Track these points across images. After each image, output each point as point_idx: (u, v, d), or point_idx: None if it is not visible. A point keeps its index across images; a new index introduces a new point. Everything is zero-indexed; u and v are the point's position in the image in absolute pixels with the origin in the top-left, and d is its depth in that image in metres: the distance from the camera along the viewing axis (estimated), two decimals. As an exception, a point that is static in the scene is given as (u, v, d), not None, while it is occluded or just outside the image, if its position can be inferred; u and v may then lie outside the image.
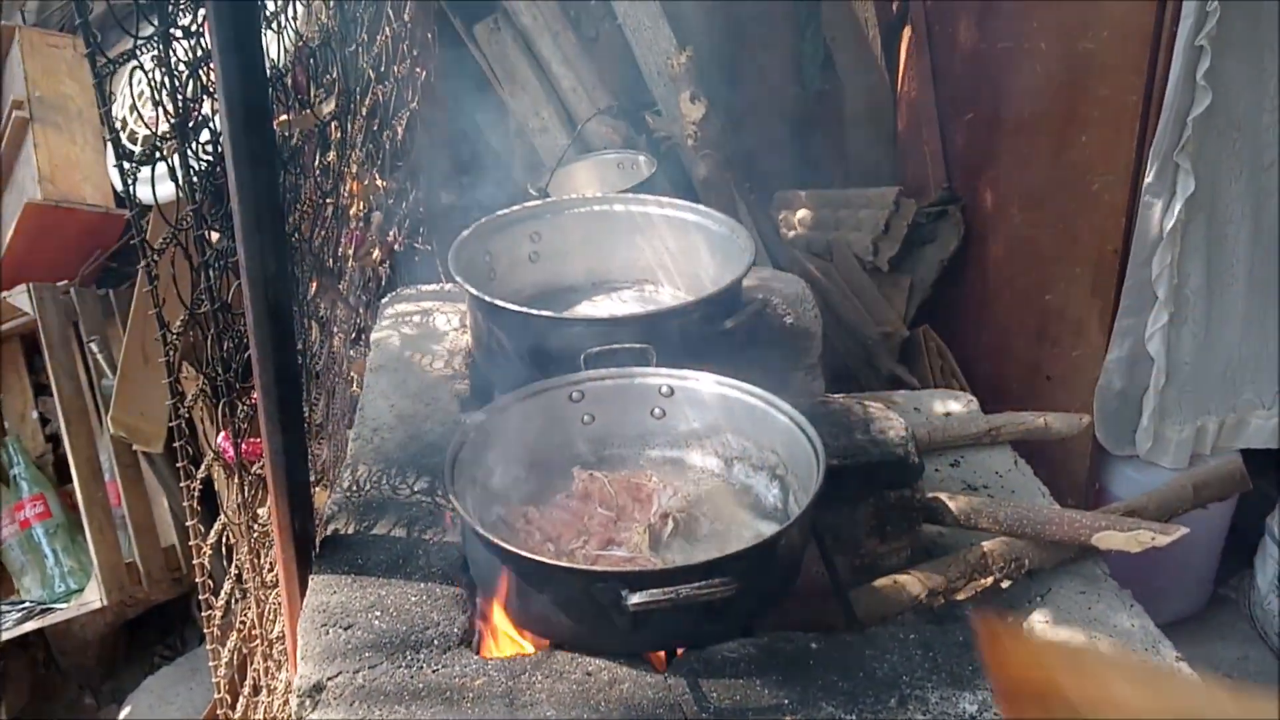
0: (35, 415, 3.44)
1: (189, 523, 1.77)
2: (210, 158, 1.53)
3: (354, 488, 1.78)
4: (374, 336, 2.29)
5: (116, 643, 3.46)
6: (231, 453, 1.72)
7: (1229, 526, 3.23)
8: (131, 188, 1.46)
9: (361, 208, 2.55)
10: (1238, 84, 2.67)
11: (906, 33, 3.64)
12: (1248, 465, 2.15)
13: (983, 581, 1.79)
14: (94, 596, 3.07)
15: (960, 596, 1.77)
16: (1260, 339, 2.97)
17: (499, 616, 1.52)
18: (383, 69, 2.69)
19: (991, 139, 3.31)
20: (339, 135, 2.29)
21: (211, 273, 1.55)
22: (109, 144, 1.40)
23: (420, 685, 1.39)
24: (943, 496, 1.92)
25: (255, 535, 1.85)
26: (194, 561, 1.81)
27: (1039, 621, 1.78)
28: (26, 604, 3.15)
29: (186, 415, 1.65)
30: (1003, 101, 3.24)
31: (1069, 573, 1.88)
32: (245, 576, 1.92)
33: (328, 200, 2.27)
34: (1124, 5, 2.72)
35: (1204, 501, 2.06)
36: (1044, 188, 3.09)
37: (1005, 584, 1.81)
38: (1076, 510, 1.88)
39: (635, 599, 1.30)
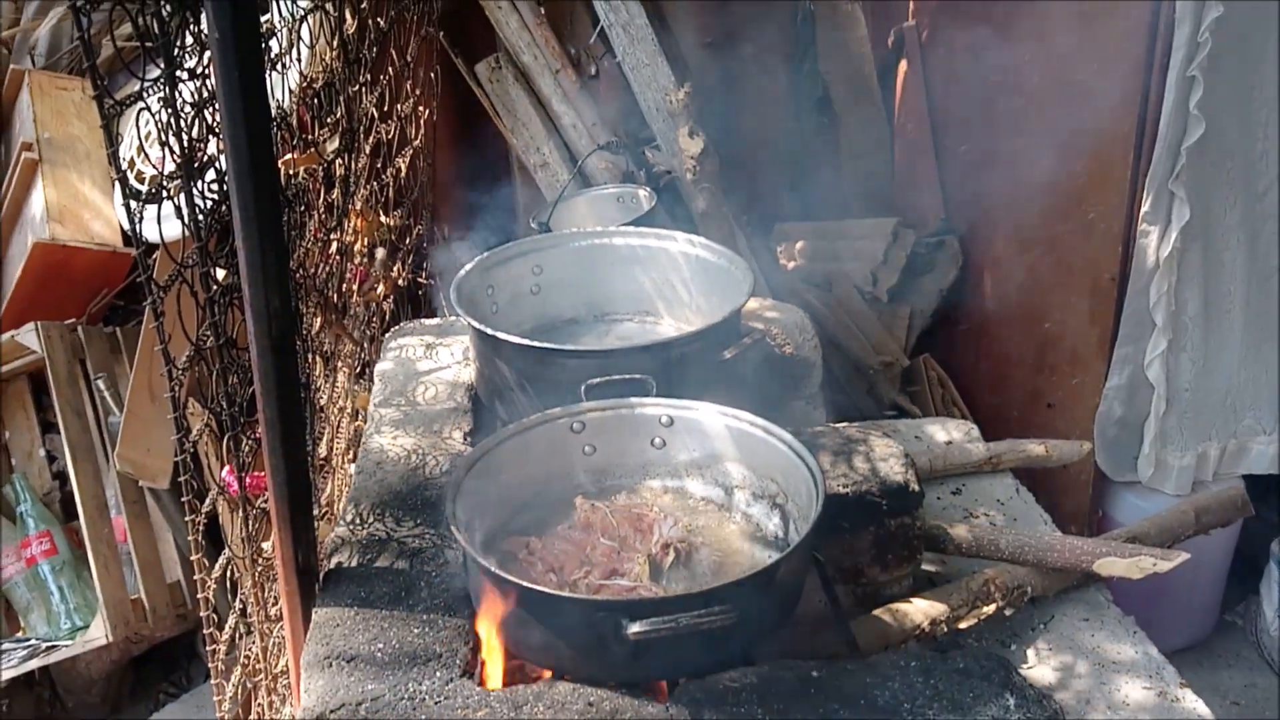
0: (42, 453, 3.46)
1: (194, 557, 1.78)
2: (216, 196, 1.55)
3: (357, 521, 1.79)
4: (378, 370, 2.31)
5: (122, 680, 3.46)
6: (236, 487, 1.73)
7: (1234, 553, 3.23)
8: (138, 226, 1.49)
9: (366, 244, 2.59)
10: (1229, 113, 2.70)
11: (902, 67, 3.69)
12: (1250, 491, 2.16)
13: (985, 609, 1.79)
14: (99, 633, 3.07)
15: (962, 625, 1.78)
16: (1259, 365, 2.98)
17: (501, 648, 1.52)
18: (386, 107, 2.73)
19: (987, 170, 3.34)
20: (343, 173, 2.33)
21: (217, 309, 1.58)
22: (116, 184, 1.43)
23: (423, 717, 1.40)
24: (944, 524, 1.93)
25: (260, 569, 1.86)
26: (199, 596, 1.82)
27: (1042, 649, 1.78)
28: (32, 641, 3.15)
29: (192, 450, 1.66)
30: (998, 133, 3.28)
31: (1072, 600, 1.88)
32: (250, 610, 1.93)
33: (332, 237, 2.30)
34: (1115, 37, 2.76)
35: (1206, 527, 2.06)
36: (1040, 217, 3.12)
37: (1008, 612, 1.81)
38: (1078, 537, 1.88)
39: (635, 628, 1.30)
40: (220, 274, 1.59)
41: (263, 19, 1.89)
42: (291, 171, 1.98)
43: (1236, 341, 2.94)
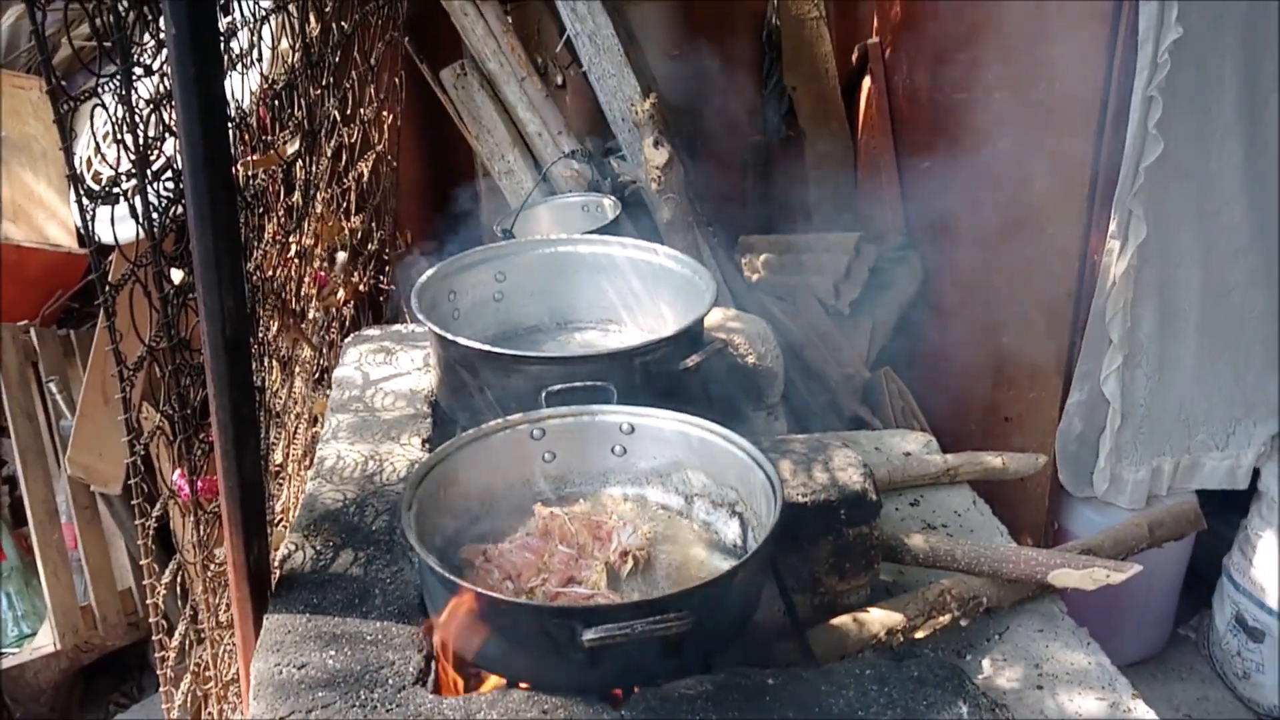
0: (-9, 457, 3.40)
1: (144, 561, 1.75)
2: (171, 196, 1.53)
3: (311, 527, 1.77)
4: (336, 375, 2.29)
5: (72, 689, 3.39)
6: (187, 491, 1.71)
7: (1186, 567, 3.27)
8: (91, 225, 1.46)
9: (326, 248, 2.56)
10: (1186, 133, 2.75)
11: (866, 82, 3.73)
12: (1204, 506, 2.19)
13: (941, 619, 1.80)
14: (47, 641, 3.01)
15: (918, 634, 1.78)
16: (1212, 382, 3.02)
17: (456, 655, 1.51)
18: (349, 111, 2.72)
19: (948, 186, 3.37)
20: (304, 176, 2.31)
21: (171, 309, 1.55)
22: (71, 182, 1.41)
23: (375, 725, 1.38)
24: (901, 535, 1.94)
25: (211, 575, 1.83)
26: (148, 601, 1.78)
27: (997, 660, 1.80)
28: (-23, 649, 3.08)
29: (143, 452, 1.63)
30: (959, 150, 3.31)
31: (1027, 611, 1.90)
32: (201, 617, 1.90)
33: (291, 240, 2.28)
34: (1075, 57, 2.80)
35: (1160, 541, 2.09)
36: (999, 233, 3.15)
37: (963, 622, 1.82)
38: (1033, 549, 1.90)
39: (590, 634, 1.29)
40: (176, 275, 1.57)
41: (224, 19, 1.87)
42: (250, 173, 1.96)
43: (1191, 358, 2.99)
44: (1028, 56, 2.96)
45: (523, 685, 1.44)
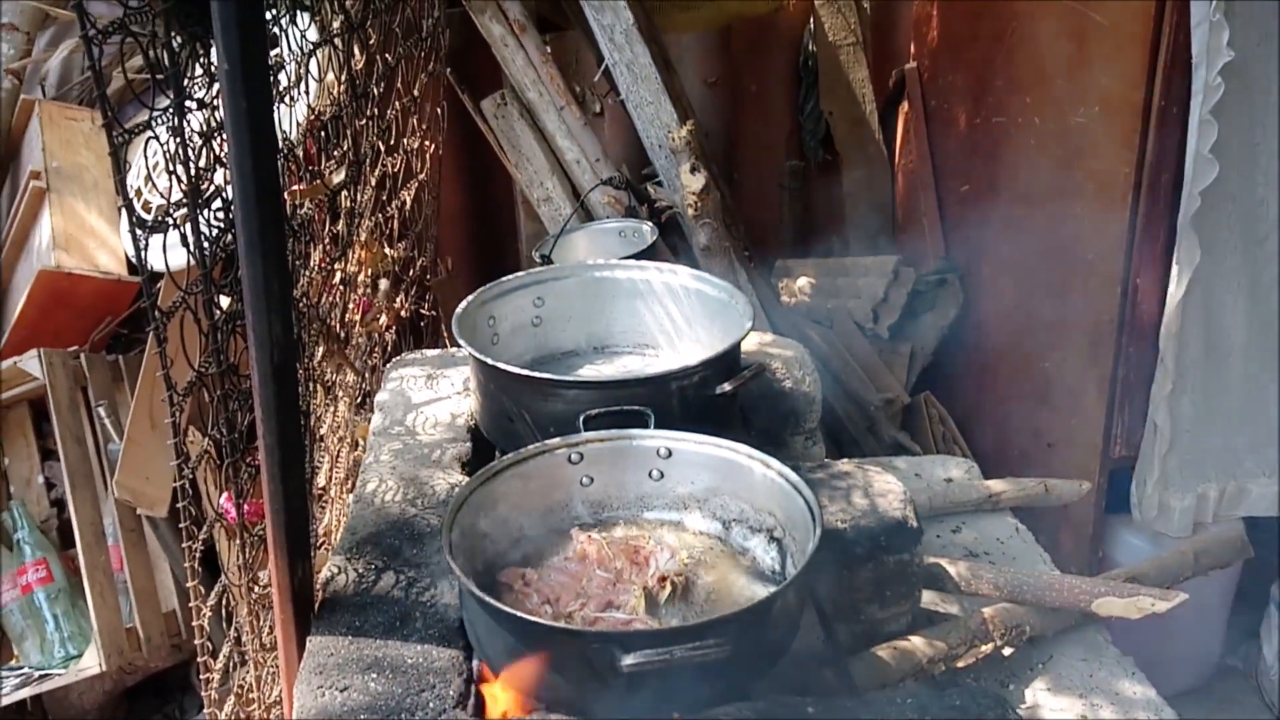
0: (41, 480, 3.46)
1: (190, 584, 1.77)
2: (221, 225, 1.57)
3: (353, 549, 1.79)
4: (378, 400, 2.32)
5: (115, 711, 3.43)
6: (234, 514, 1.73)
7: (1234, 595, 3.21)
8: (144, 254, 1.50)
9: (369, 275, 2.60)
10: (1234, 157, 2.72)
11: (903, 107, 3.73)
12: (1251, 533, 2.16)
13: (983, 648, 1.79)
14: (93, 662, 3.05)
15: (961, 663, 1.77)
16: (1259, 408, 2.98)
17: (495, 679, 1.51)
18: (393, 141, 2.76)
19: (988, 210, 3.36)
20: (348, 204, 2.35)
21: (219, 335, 1.59)
22: (123, 212, 1.45)
23: (416, 748, 1.39)
24: (943, 562, 1.93)
25: (255, 597, 1.85)
26: (194, 624, 1.81)
27: (1040, 689, 1.78)
28: (25, 670, 3.13)
29: (190, 476, 1.66)
30: (998, 174, 3.30)
31: (1071, 640, 1.88)
32: (244, 639, 1.92)
33: (336, 267, 2.32)
34: (1114, 81, 2.79)
35: (1205, 569, 2.06)
36: (1040, 258, 3.13)
37: (1006, 650, 1.81)
38: (1077, 576, 1.88)
39: (629, 660, 1.29)
40: (225, 302, 1.61)
41: (272, 53, 1.92)
42: (298, 202, 2.00)
43: (1237, 384, 2.94)
44: (1067, 81, 2.95)
45: (562, 710, 1.45)
